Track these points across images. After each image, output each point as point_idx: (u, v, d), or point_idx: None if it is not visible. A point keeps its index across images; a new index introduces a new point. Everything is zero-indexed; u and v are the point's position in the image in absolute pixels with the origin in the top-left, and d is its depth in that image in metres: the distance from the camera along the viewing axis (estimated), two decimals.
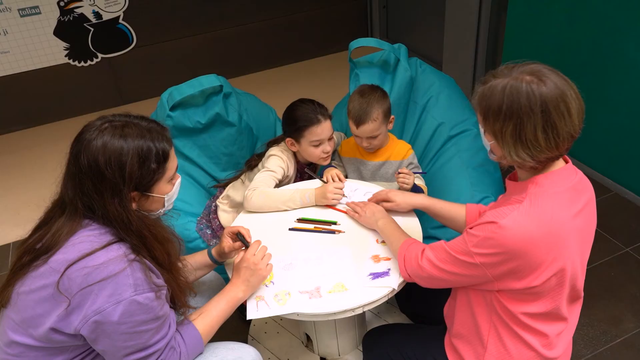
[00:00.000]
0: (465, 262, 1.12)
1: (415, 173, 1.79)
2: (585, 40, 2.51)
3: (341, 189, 1.72)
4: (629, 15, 2.27)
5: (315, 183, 1.86)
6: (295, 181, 1.98)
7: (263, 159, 1.95)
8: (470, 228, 1.13)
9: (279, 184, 1.90)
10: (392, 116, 1.87)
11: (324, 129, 1.84)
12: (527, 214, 1.06)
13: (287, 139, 1.91)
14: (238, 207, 1.98)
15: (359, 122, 1.77)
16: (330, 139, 1.87)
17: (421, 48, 4.11)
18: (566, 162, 1.17)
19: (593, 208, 1.19)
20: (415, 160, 1.92)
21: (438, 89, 2.16)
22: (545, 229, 1.05)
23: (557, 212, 1.07)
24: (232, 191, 2.02)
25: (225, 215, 2.00)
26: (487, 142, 1.16)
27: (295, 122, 1.84)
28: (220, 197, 2.06)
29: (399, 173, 1.74)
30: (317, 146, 1.85)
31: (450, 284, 1.22)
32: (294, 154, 1.97)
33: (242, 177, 2.08)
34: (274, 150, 1.94)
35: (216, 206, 2.05)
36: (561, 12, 2.59)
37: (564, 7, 2.56)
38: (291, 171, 1.94)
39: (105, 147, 1.10)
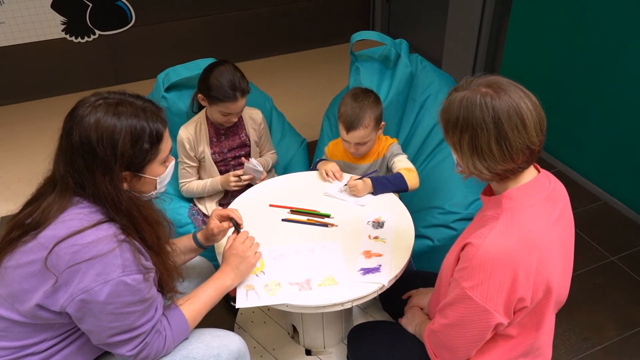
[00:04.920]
0: (463, 299, 1.11)
1: (365, 175, 1.74)
2: (586, 49, 2.52)
3: (240, 180, 1.85)
4: (631, 26, 2.27)
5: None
6: (211, 146, 1.98)
7: None
8: (456, 268, 1.13)
9: (197, 157, 1.98)
10: (382, 122, 1.84)
11: (238, 106, 1.85)
12: (505, 232, 1.07)
13: (199, 95, 1.90)
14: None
15: (349, 128, 1.74)
16: (240, 110, 1.90)
17: (421, 45, 4.10)
18: (538, 170, 1.17)
19: (569, 214, 1.21)
20: (395, 149, 1.87)
21: (437, 87, 2.16)
22: (525, 243, 1.06)
23: (534, 225, 1.08)
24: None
25: (208, 203, 2.04)
26: (453, 155, 1.17)
27: (210, 89, 1.82)
28: None
29: (345, 185, 1.73)
30: (224, 115, 1.88)
31: (466, 328, 1.15)
32: (206, 116, 1.97)
33: None
34: (180, 130, 1.96)
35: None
36: (564, 19, 2.59)
37: (567, 14, 2.56)
38: (199, 146, 1.96)
39: (98, 124, 1.08)
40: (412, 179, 1.75)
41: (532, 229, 1.07)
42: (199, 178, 2.06)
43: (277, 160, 2.22)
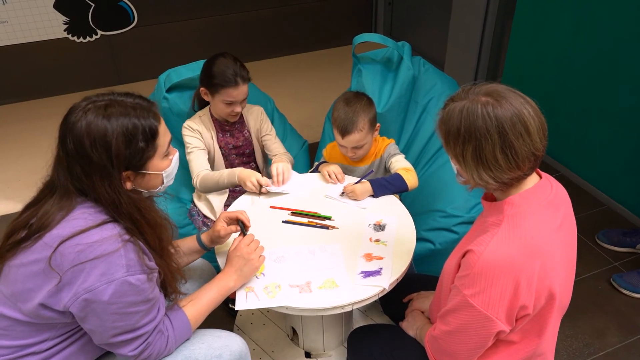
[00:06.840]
0: (464, 306, 1.10)
1: (361, 179, 1.73)
2: (588, 53, 2.51)
3: (258, 188, 1.74)
4: (634, 30, 2.26)
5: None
6: (218, 140, 1.98)
7: None
8: (457, 275, 1.12)
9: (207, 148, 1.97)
10: (377, 124, 1.83)
11: (239, 92, 1.85)
12: (508, 239, 1.06)
13: (202, 88, 1.91)
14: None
15: (344, 132, 1.72)
16: (243, 100, 1.89)
17: (424, 48, 4.10)
18: (540, 176, 1.16)
19: (572, 219, 1.20)
20: (392, 149, 1.86)
21: (440, 90, 2.15)
22: (528, 251, 1.05)
23: (537, 231, 1.07)
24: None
25: (215, 200, 2.01)
26: (454, 165, 1.16)
27: (213, 77, 1.84)
28: None
29: (343, 193, 1.72)
30: (228, 105, 1.87)
31: (467, 335, 1.15)
32: (209, 113, 1.98)
33: None
34: (185, 122, 1.97)
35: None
36: (567, 23, 2.58)
37: (570, 18, 2.56)
38: (207, 136, 1.96)
39: (89, 129, 1.07)
40: (411, 179, 1.74)
41: (534, 236, 1.06)
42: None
43: (293, 161, 2.14)
